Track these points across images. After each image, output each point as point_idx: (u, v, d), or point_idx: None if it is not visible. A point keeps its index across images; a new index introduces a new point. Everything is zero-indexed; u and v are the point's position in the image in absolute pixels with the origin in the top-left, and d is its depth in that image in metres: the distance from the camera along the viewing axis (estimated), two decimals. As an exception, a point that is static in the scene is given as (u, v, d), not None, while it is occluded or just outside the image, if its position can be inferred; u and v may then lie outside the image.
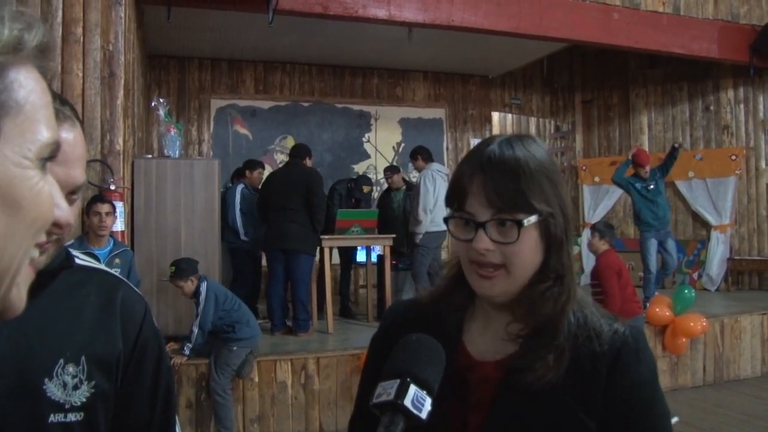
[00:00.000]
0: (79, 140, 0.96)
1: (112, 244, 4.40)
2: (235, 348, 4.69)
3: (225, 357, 4.67)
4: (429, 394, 0.85)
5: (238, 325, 4.70)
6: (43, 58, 0.56)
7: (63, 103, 0.96)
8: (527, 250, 0.98)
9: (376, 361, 1.12)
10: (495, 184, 0.97)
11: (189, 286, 4.66)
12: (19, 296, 0.56)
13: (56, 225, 0.59)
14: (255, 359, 4.93)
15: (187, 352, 4.68)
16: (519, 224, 0.96)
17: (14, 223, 0.52)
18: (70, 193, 0.94)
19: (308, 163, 6.51)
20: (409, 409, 0.83)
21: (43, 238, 0.57)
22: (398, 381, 0.85)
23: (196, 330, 4.62)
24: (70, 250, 1.02)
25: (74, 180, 0.94)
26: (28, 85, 0.54)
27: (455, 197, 1.02)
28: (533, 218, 0.97)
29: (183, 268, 4.69)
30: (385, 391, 0.85)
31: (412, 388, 0.84)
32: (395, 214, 7.23)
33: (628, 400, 0.97)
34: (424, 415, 0.83)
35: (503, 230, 0.97)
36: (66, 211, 0.60)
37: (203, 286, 4.66)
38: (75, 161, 0.94)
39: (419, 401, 0.84)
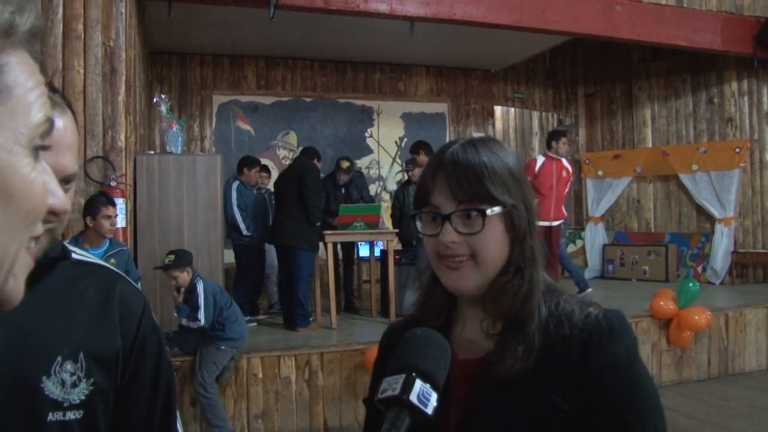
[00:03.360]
0: (69, 127, 0.95)
1: (108, 244, 4.33)
2: (223, 347, 4.65)
3: (213, 355, 4.62)
4: (434, 388, 0.84)
5: (228, 323, 4.64)
6: (35, 42, 0.55)
7: (53, 90, 0.94)
8: (493, 241, 1.01)
9: (378, 379, 1.14)
10: (458, 178, 1.01)
11: (185, 277, 4.59)
12: (17, 287, 0.55)
13: (52, 213, 0.57)
14: (236, 362, 4.89)
15: (184, 322, 4.59)
16: (483, 214, 0.99)
17: (7, 214, 0.51)
18: (62, 183, 0.91)
19: (314, 162, 6.59)
20: (414, 404, 0.82)
21: (39, 230, 0.55)
22: (403, 376, 0.84)
23: (202, 321, 4.51)
24: (67, 244, 1.00)
25: (64, 168, 0.92)
26: (18, 68, 0.52)
27: (421, 195, 1.06)
28: (497, 209, 1.00)
29: (182, 257, 4.63)
30: (390, 386, 0.84)
31: (418, 383, 0.83)
32: (412, 207, 7.17)
33: (604, 381, 0.96)
34: (430, 410, 0.83)
35: (468, 222, 1.00)
36: (62, 199, 0.58)
37: (200, 286, 4.58)
38: (65, 149, 0.93)
39: (425, 396, 0.83)
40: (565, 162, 7.53)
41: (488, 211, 0.99)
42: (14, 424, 0.87)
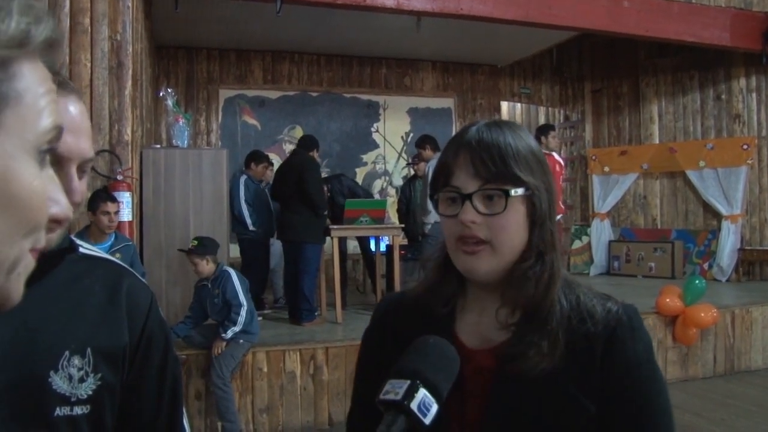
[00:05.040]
0: (84, 114, 0.96)
1: (113, 239, 4.34)
2: (242, 341, 4.65)
3: (231, 348, 4.62)
4: (437, 400, 0.84)
5: (250, 316, 4.67)
6: (50, 53, 0.55)
7: (66, 81, 0.96)
8: (513, 225, 0.99)
9: (369, 355, 1.15)
10: (482, 156, 0.98)
11: (204, 266, 4.59)
12: (17, 287, 0.55)
13: (54, 221, 0.57)
14: (244, 357, 4.90)
15: (230, 335, 4.52)
16: (506, 194, 0.97)
17: (6, 221, 0.51)
18: (79, 168, 0.93)
19: (314, 155, 6.51)
20: (414, 412, 0.81)
21: (42, 242, 0.55)
22: (408, 382, 0.83)
23: (243, 313, 4.50)
24: (74, 238, 1.00)
25: (84, 153, 0.93)
26: (30, 76, 0.53)
27: (441, 176, 1.03)
28: (520, 190, 0.98)
29: (206, 245, 4.63)
30: (394, 389, 0.83)
31: (422, 392, 0.82)
32: (418, 202, 7.16)
33: (625, 379, 0.97)
34: (428, 421, 0.82)
35: (490, 203, 0.98)
36: (65, 207, 0.58)
37: (233, 273, 4.60)
38: (84, 133, 0.94)
39: (425, 406, 0.82)
40: (556, 156, 7.49)
41: (512, 192, 0.97)
42: (22, 418, 0.87)
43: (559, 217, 7.48)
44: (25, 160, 0.51)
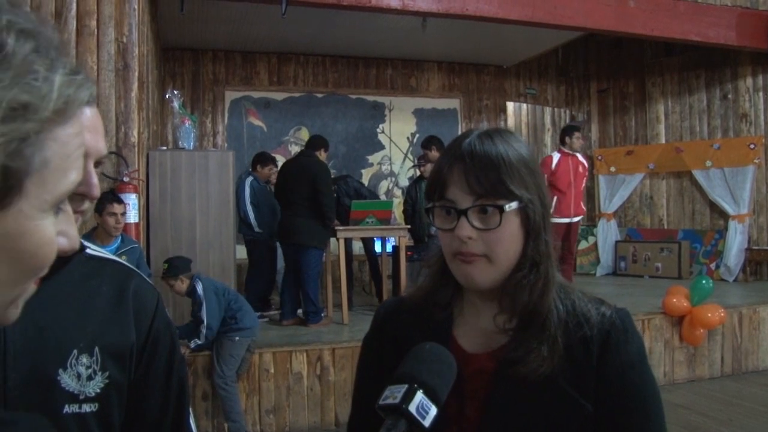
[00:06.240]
0: (98, 114, 0.99)
1: (119, 241, 4.34)
2: (237, 338, 4.66)
3: (228, 348, 4.63)
4: (435, 403, 0.86)
5: (239, 314, 4.67)
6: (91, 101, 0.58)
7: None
8: (508, 237, 1.00)
9: (370, 361, 1.17)
10: (475, 171, 0.99)
11: (179, 285, 4.59)
12: (15, 312, 0.59)
13: (62, 251, 0.60)
14: (252, 355, 4.90)
15: (193, 345, 4.56)
16: (501, 210, 0.98)
17: (13, 271, 0.54)
18: (96, 164, 0.96)
19: (322, 155, 6.48)
20: (413, 415, 0.83)
21: (45, 272, 0.58)
22: (406, 386, 0.86)
23: (204, 331, 4.50)
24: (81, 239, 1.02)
25: (101, 151, 0.96)
26: (63, 136, 0.54)
27: (436, 188, 1.04)
28: (514, 204, 0.99)
29: (175, 265, 4.61)
30: (392, 394, 0.86)
31: (419, 395, 0.85)
32: (424, 203, 7.06)
33: (620, 380, 0.99)
34: (427, 423, 0.84)
35: (485, 217, 1.00)
36: (73, 240, 0.61)
37: (199, 286, 4.57)
38: (100, 132, 0.97)
39: (424, 409, 0.84)
40: (580, 157, 7.49)
41: (506, 207, 0.99)
42: None
43: (579, 218, 7.51)
44: (40, 217, 0.54)
